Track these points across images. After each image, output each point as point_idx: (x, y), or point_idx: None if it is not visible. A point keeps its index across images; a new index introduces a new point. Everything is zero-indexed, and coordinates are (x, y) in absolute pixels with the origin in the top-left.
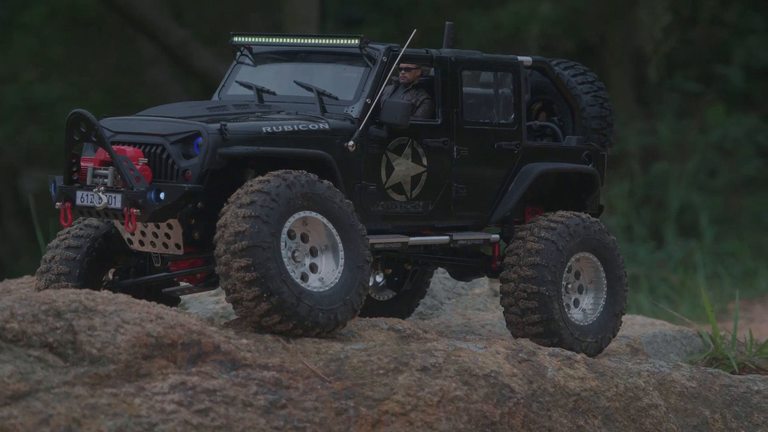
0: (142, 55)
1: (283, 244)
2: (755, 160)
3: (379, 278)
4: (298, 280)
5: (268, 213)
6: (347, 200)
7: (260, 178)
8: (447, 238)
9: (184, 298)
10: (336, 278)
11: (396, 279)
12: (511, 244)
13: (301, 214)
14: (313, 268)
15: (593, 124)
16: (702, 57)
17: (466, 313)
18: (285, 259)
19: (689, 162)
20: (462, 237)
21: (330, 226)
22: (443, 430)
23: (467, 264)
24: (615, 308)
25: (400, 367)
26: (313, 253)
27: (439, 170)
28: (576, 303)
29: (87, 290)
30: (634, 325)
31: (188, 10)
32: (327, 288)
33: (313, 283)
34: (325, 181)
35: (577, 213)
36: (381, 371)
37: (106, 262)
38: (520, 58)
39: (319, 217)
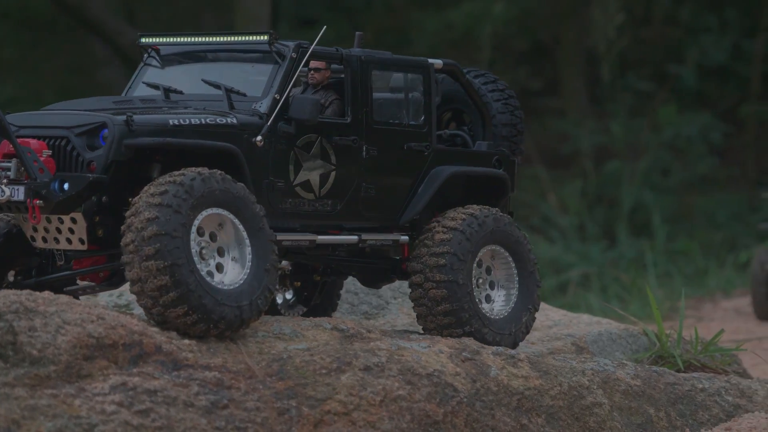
0: (94, 56)
1: (192, 236)
2: (708, 158)
3: (288, 295)
4: (197, 261)
5: (180, 203)
6: (259, 205)
7: (176, 172)
8: (356, 237)
9: (129, 298)
10: (243, 278)
11: (305, 294)
12: (420, 237)
13: (214, 210)
14: (220, 268)
15: (503, 131)
16: (655, 56)
17: (412, 312)
18: (194, 253)
19: (642, 161)
20: (371, 237)
21: (240, 227)
22: (386, 430)
23: (377, 266)
24: (527, 303)
25: (342, 366)
26: (220, 253)
27: (348, 169)
28: (488, 298)
29: (28, 291)
30: (580, 323)
31: (140, 11)
32: (234, 286)
33: (220, 281)
34: (240, 183)
35: (487, 207)
36: (324, 371)
37: (9, 262)
38: (430, 60)
39: (231, 216)
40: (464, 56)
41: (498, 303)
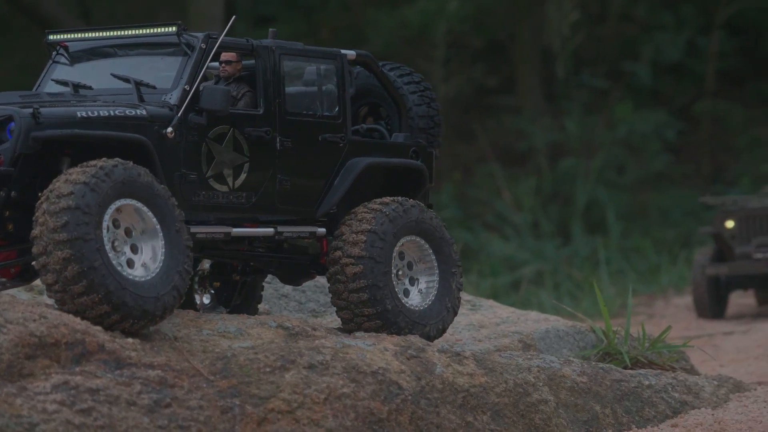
0: (49, 55)
1: (107, 249)
2: (663, 155)
3: (206, 300)
4: (122, 270)
5: (87, 230)
6: (143, 169)
7: (75, 169)
8: (272, 230)
9: None
10: (158, 265)
11: (225, 294)
12: (330, 271)
13: (121, 202)
14: (134, 249)
15: (420, 123)
16: (610, 53)
17: None
18: (108, 250)
19: (597, 158)
20: (287, 229)
21: (137, 204)
22: (330, 428)
23: (296, 262)
24: (450, 267)
25: (287, 365)
26: (128, 233)
27: (262, 161)
28: (412, 281)
29: None
30: (528, 320)
31: (96, 9)
32: (158, 268)
33: (137, 271)
34: (141, 168)
35: (401, 198)
36: (268, 369)
37: None
38: (343, 51)
39: (139, 204)
40: (420, 54)
41: (423, 282)
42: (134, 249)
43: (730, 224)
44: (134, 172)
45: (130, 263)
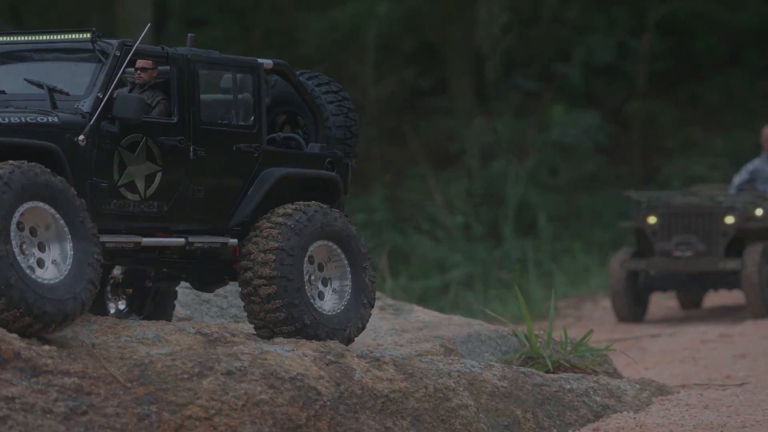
0: None
1: (15, 252)
2: (595, 157)
3: (121, 305)
4: (36, 278)
5: None
6: (72, 189)
7: None
8: (182, 240)
9: None
10: (69, 261)
11: (138, 302)
12: (243, 291)
13: (23, 207)
14: (41, 263)
15: (337, 133)
16: (542, 55)
17: None
18: (20, 260)
19: (528, 160)
20: (198, 240)
21: (51, 210)
22: None
23: (208, 269)
24: (361, 263)
25: (204, 371)
26: (33, 233)
27: (175, 170)
28: (324, 281)
29: None
30: (450, 325)
31: (26, 12)
32: (65, 274)
33: (49, 272)
34: (37, 166)
35: (303, 205)
36: (185, 376)
37: None
38: (260, 60)
39: (41, 204)
40: (351, 56)
41: (336, 281)
42: (42, 247)
43: (652, 220)
44: (31, 174)
45: (41, 263)
